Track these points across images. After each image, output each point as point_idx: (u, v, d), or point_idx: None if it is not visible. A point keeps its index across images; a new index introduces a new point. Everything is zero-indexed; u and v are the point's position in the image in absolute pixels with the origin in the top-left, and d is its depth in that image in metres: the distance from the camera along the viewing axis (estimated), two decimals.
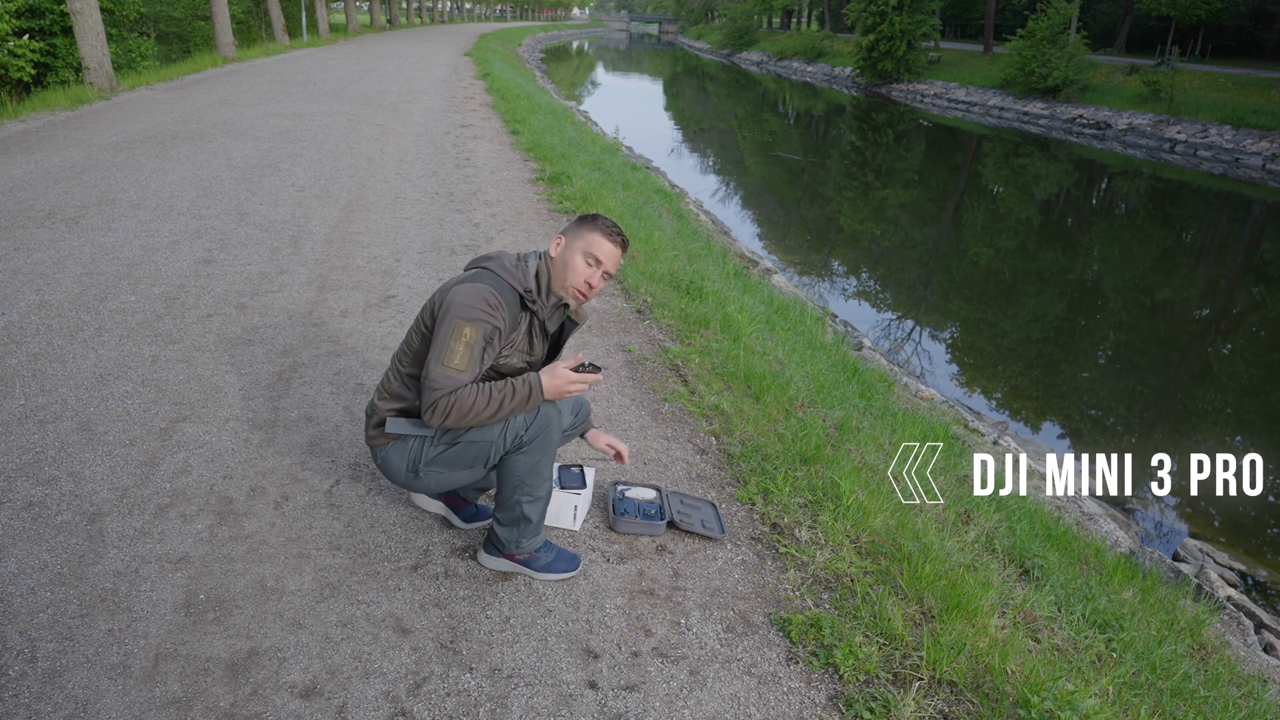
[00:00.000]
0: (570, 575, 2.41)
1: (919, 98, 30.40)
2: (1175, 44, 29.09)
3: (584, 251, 2.23)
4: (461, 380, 2.09)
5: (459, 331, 2.08)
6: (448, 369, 2.08)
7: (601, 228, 2.24)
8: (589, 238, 2.23)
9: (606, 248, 2.24)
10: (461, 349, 2.07)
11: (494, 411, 2.12)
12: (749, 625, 2.31)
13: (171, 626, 2.14)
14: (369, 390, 3.49)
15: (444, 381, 2.08)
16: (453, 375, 2.08)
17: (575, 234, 2.25)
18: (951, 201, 15.66)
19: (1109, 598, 2.96)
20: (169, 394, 3.34)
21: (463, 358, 2.08)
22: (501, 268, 2.21)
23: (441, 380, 2.09)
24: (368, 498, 2.73)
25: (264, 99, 12.31)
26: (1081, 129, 23.45)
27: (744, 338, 4.42)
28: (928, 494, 3.17)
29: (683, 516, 2.69)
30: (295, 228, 5.76)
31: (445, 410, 2.09)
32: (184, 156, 7.86)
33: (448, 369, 2.08)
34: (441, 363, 2.08)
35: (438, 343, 2.11)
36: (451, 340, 2.08)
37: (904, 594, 2.45)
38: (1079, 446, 6.33)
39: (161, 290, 4.47)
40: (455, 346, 2.07)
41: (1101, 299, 10.30)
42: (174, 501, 2.64)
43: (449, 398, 2.08)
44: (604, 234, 2.24)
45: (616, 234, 2.25)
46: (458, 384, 2.08)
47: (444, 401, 2.08)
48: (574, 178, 7.65)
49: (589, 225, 2.24)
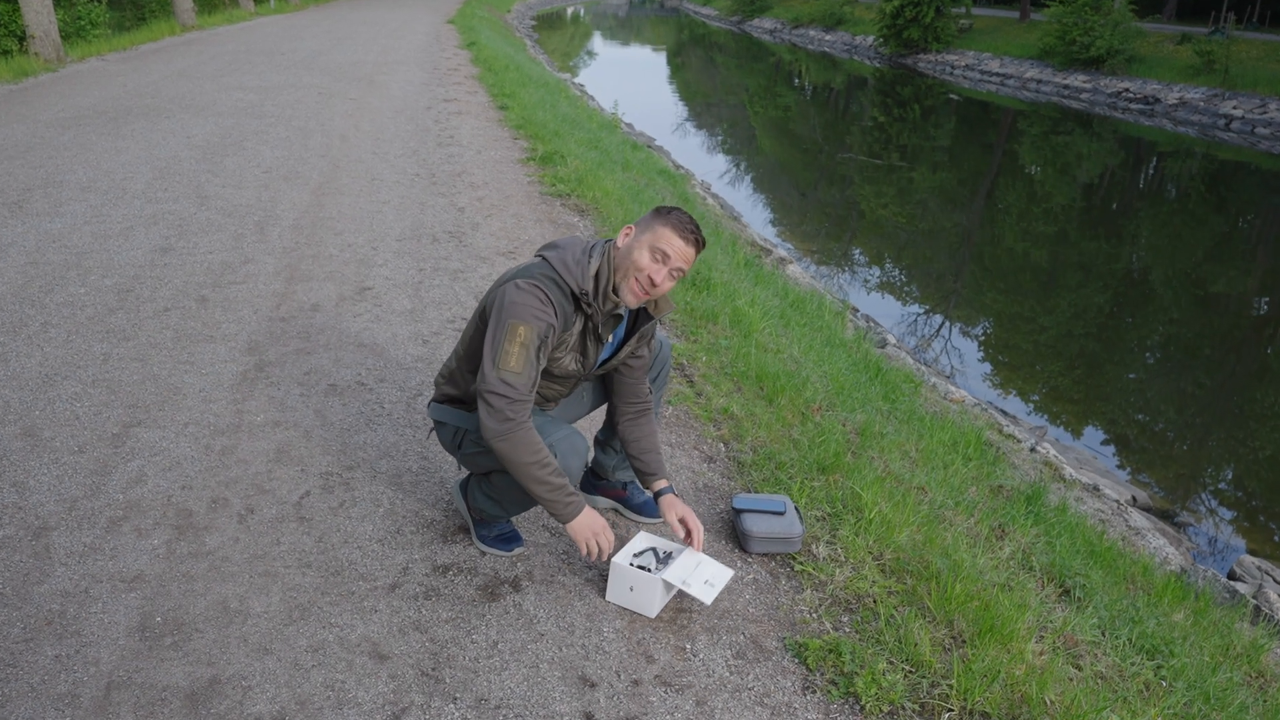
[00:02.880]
0: (503, 554, 2.57)
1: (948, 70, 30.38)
2: (1231, 10, 29.03)
3: (650, 245, 2.24)
4: (519, 384, 2.17)
5: (513, 332, 2.16)
6: (504, 372, 2.17)
7: (674, 222, 2.25)
8: (658, 230, 2.25)
9: (677, 244, 2.24)
10: (517, 350, 2.16)
11: (528, 476, 2.21)
12: (761, 651, 2.31)
13: (125, 652, 2.14)
14: (342, 391, 3.49)
15: (500, 386, 2.17)
16: (509, 378, 2.17)
17: (645, 225, 2.28)
18: (984, 184, 15.65)
19: (1158, 620, 2.96)
20: (122, 396, 3.34)
21: (518, 359, 2.17)
22: (561, 262, 2.25)
23: (498, 385, 2.17)
24: (341, 510, 2.73)
25: (227, 71, 12.31)
26: (1127, 104, 23.43)
27: (756, 334, 4.42)
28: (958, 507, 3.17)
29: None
30: (261, 212, 5.76)
31: (502, 433, 2.18)
32: (139, 134, 7.86)
33: (504, 372, 2.17)
34: (497, 365, 2.17)
35: (493, 343, 2.19)
36: (506, 341, 2.16)
37: (932, 616, 2.45)
38: (1125, 454, 6.33)
39: (114, 282, 4.47)
40: (510, 348, 2.16)
41: (1150, 292, 10.29)
42: (127, 514, 2.64)
43: (512, 422, 2.17)
44: (675, 229, 2.24)
45: (691, 230, 2.26)
46: (515, 389, 2.17)
47: (503, 423, 2.17)
48: (568, 157, 7.64)
49: (660, 218, 2.27)
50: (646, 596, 2.37)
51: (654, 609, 2.38)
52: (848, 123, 22.47)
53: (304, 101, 10.11)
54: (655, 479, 2.56)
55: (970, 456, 4.00)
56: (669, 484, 2.57)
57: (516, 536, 2.62)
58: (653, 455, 2.57)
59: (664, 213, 2.28)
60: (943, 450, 3.92)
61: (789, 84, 30.49)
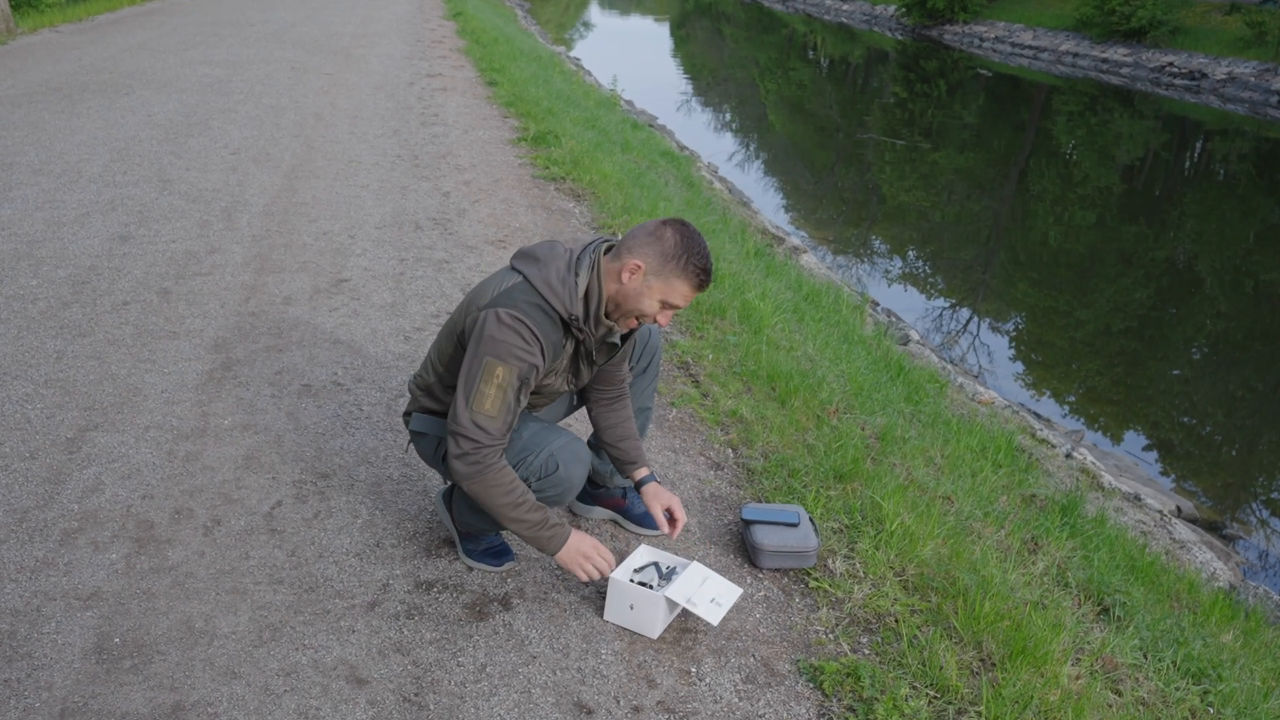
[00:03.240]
0: (493, 570, 2.56)
1: (976, 42, 30.35)
2: None
3: (662, 298, 2.21)
4: (492, 430, 2.17)
5: (491, 372, 2.14)
6: (477, 414, 2.16)
7: (692, 273, 2.18)
8: (673, 284, 2.19)
9: (689, 296, 2.22)
10: (493, 392, 2.14)
11: (504, 516, 2.25)
12: (773, 675, 2.31)
13: (80, 676, 2.14)
14: (316, 392, 3.49)
15: (472, 430, 2.16)
16: (483, 422, 2.16)
17: (659, 271, 2.18)
18: (1016, 167, 15.64)
19: (1205, 641, 2.96)
20: (77, 397, 3.34)
21: (494, 402, 2.15)
22: (545, 283, 2.19)
23: (470, 428, 2.16)
24: (315, 522, 2.73)
25: (191, 43, 12.31)
26: (1171, 79, 23.40)
27: (767, 329, 4.42)
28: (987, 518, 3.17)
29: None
30: (229, 198, 5.77)
31: (471, 475, 2.19)
32: (95, 112, 7.86)
33: (477, 414, 2.16)
34: (470, 406, 2.16)
35: (468, 378, 2.17)
36: (482, 381, 2.15)
37: (959, 637, 2.45)
38: (1169, 460, 6.32)
39: (68, 273, 4.47)
40: (486, 389, 2.15)
41: (1196, 283, 10.29)
42: (83, 526, 2.64)
43: (482, 465, 2.18)
44: (693, 283, 2.19)
45: (706, 278, 2.21)
46: (488, 434, 2.17)
47: (472, 465, 2.18)
48: (563, 138, 7.65)
49: (679, 266, 2.17)
50: (648, 615, 2.37)
51: (656, 629, 2.38)
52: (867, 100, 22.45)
53: (275, 77, 10.11)
54: (635, 467, 2.60)
55: (1000, 463, 4.00)
56: (650, 471, 2.61)
57: (507, 550, 2.62)
58: (630, 442, 2.60)
59: (681, 259, 2.17)
60: (970, 456, 3.92)
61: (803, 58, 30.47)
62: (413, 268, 4.82)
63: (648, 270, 2.19)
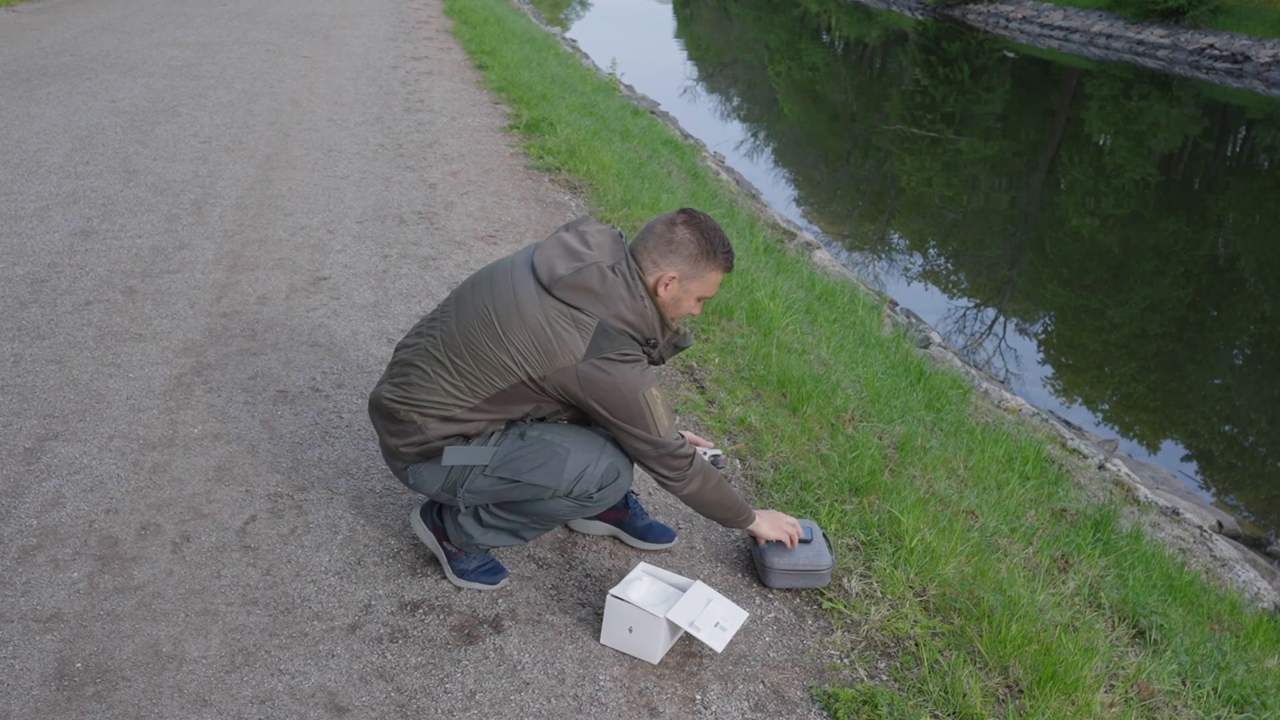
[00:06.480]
0: (486, 589, 2.58)
1: (1002, 22, 30.41)
2: None
3: (700, 295, 2.48)
4: (680, 438, 2.44)
5: (649, 400, 2.36)
6: (667, 434, 2.41)
7: (720, 263, 2.44)
8: (707, 279, 2.44)
9: (719, 281, 2.51)
10: (661, 410, 2.39)
11: (733, 500, 2.58)
12: (784, 702, 2.31)
13: (40, 703, 2.14)
14: (293, 398, 3.49)
15: (674, 447, 2.41)
16: (674, 437, 2.42)
17: (692, 273, 2.42)
18: (1045, 157, 15.66)
19: (1248, 667, 2.96)
20: (35, 404, 3.34)
21: (666, 417, 2.40)
22: (619, 317, 2.33)
23: (674, 446, 2.41)
24: (291, 538, 2.74)
25: (159, 24, 12.33)
26: (1212, 63, 23.43)
27: (777, 331, 4.42)
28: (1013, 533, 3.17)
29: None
30: (199, 190, 5.77)
31: (702, 483, 2.48)
32: (55, 98, 7.87)
33: (667, 434, 2.41)
34: (658, 433, 2.39)
35: (631, 418, 2.34)
36: (650, 411, 2.37)
37: (984, 662, 2.45)
38: (1209, 472, 6.33)
39: (26, 270, 4.47)
40: (656, 413, 2.38)
41: (1238, 282, 10.29)
42: (42, 543, 2.64)
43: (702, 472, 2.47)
44: (723, 270, 2.48)
45: (732, 259, 2.49)
46: (684, 443, 2.44)
47: (696, 477, 2.46)
48: (558, 125, 7.66)
49: (708, 262, 2.41)
50: (648, 639, 2.37)
51: (657, 654, 2.38)
52: (885, 85, 22.48)
53: (249, 60, 10.13)
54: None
55: (1028, 475, 4.00)
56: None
57: (500, 568, 2.62)
58: None
59: (708, 254, 2.40)
60: (996, 468, 3.92)
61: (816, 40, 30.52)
62: (396, 265, 4.83)
63: (682, 277, 2.42)
